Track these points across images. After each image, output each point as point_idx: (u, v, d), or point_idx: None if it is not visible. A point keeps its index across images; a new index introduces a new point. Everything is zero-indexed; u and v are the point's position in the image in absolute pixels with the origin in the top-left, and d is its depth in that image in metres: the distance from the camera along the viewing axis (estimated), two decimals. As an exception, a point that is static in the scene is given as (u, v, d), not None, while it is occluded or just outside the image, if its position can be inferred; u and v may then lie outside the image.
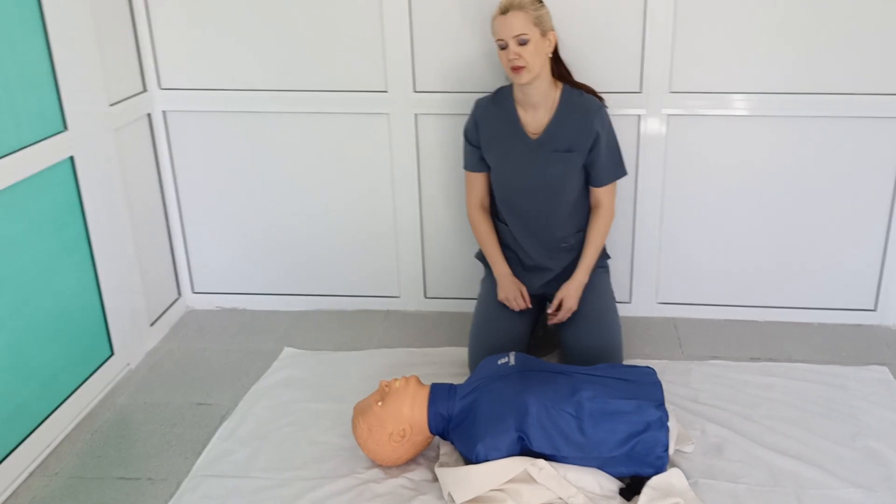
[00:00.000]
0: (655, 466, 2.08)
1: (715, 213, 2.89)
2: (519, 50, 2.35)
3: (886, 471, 2.16)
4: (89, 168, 2.55)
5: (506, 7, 2.37)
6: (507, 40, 2.36)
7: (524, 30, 2.35)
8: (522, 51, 2.35)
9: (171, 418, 2.51)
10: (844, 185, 2.80)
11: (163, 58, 2.89)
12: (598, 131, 2.48)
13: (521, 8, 2.35)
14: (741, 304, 2.98)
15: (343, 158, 2.96)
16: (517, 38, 2.35)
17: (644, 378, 2.21)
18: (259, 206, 3.07)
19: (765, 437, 2.29)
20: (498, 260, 2.65)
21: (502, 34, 2.37)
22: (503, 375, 2.20)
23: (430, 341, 2.91)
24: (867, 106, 2.69)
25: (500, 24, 2.37)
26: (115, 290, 2.70)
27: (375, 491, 2.13)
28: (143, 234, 2.89)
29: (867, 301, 2.93)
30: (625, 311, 2.89)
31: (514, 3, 2.36)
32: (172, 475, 2.25)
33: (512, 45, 2.36)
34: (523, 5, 2.36)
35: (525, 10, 2.36)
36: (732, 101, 2.73)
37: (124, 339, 2.76)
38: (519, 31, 2.34)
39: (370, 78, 2.83)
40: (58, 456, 2.36)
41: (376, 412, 2.16)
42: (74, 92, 2.46)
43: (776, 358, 2.74)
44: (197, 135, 2.99)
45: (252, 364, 2.79)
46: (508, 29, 2.35)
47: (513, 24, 2.35)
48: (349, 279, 3.13)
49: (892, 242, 2.83)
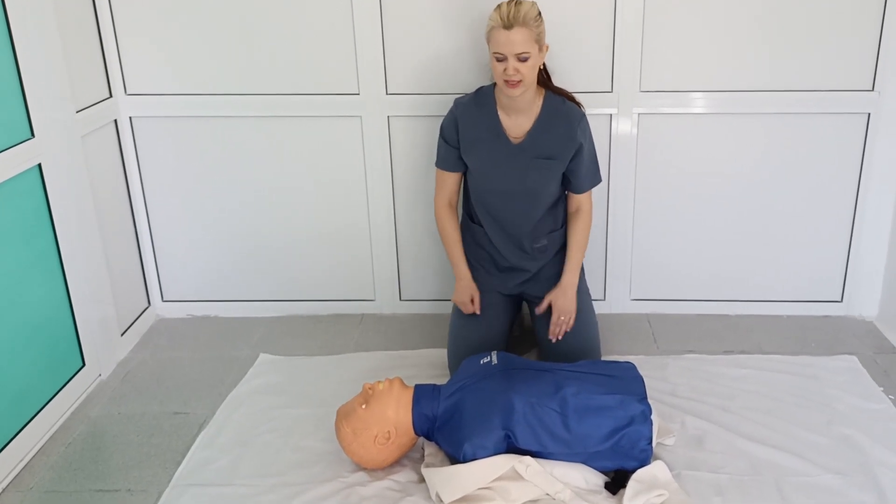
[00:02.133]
0: (640, 460, 2.11)
1: (686, 211, 2.94)
2: (518, 66, 2.30)
3: (861, 456, 2.22)
4: (57, 176, 2.50)
5: (509, 22, 2.26)
6: (508, 56, 2.30)
7: (526, 48, 2.28)
8: (521, 67, 2.30)
9: (148, 428, 2.47)
10: (811, 180, 2.87)
11: (128, 63, 2.85)
12: (581, 142, 2.48)
13: (525, 24, 2.27)
14: (713, 299, 3.03)
15: (315, 162, 2.94)
16: (519, 55, 2.29)
17: (625, 373, 2.23)
18: (229, 212, 3.03)
19: (743, 428, 2.34)
20: (459, 261, 2.64)
21: (503, 49, 2.29)
22: (487, 374, 2.21)
23: (407, 344, 2.90)
24: (831, 102, 2.75)
25: (503, 38, 2.28)
26: (86, 299, 2.65)
27: (362, 494, 2.12)
28: (111, 242, 2.84)
29: (834, 293, 3.00)
30: (599, 308, 2.91)
31: (518, 19, 2.26)
32: (152, 486, 2.21)
33: (511, 62, 2.29)
34: (527, 21, 2.27)
35: (529, 26, 2.28)
36: (700, 99, 2.78)
37: (95, 350, 2.70)
38: (521, 49, 2.28)
39: (342, 80, 2.82)
40: (32, 470, 2.30)
41: (360, 415, 2.15)
42: (41, 99, 2.41)
43: (748, 350, 2.79)
44: (164, 140, 2.95)
45: (228, 372, 2.75)
46: (510, 45, 2.27)
47: (516, 41, 2.27)
48: (323, 284, 3.11)
49: (857, 235, 2.91)
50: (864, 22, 2.67)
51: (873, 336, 2.88)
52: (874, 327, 2.94)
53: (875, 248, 2.91)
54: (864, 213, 2.88)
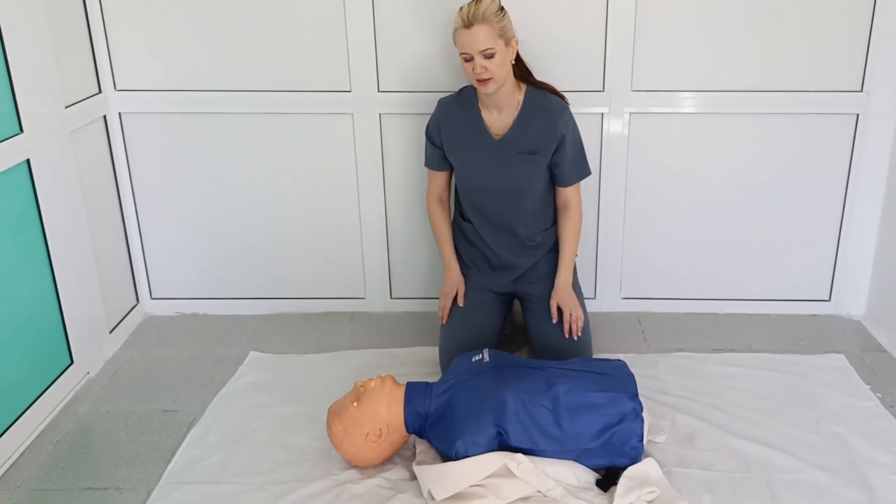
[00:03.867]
0: (631, 457, 2.11)
1: (676, 210, 2.95)
2: (485, 63, 2.31)
3: (849, 453, 2.23)
4: (46, 171, 2.48)
5: (469, 21, 2.28)
6: (473, 54, 2.31)
7: (490, 44, 2.29)
8: (489, 63, 2.31)
9: (137, 426, 2.45)
10: (799, 180, 2.88)
11: (118, 59, 2.83)
12: (564, 133, 2.48)
13: (486, 21, 2.28)
14: (702, 298, 3.04)
15: (306, 159, 2.93)
16: (483, 52, 2.30)
17: (617, 371, 2.24)
18: (219, 209, 3.01)
19: (733, 426, 2.35)
20: (449, 255, 2.67)
21: (467, 48, 2.31)
22: (479, 372, 2.21)
23: (397, 342, 2.89)
24: (821, 103, 2.77)
25: (465, 37, 2.30)
26: (74, 296, 2.63)
27: (353, 492, 2.11)
28: (99, 239, 2.82)
29: (822, 292, 3.02)
30: (590, 306, 2.92)
31: (477, 16, 2.27)
32: (142, 484, 2.20)
33: (478, 59, 2.30)
34: (487, 17, 2.28)
35: (489, 22, 2.29)
36: (691, 99, 2.79)
37: (83, 347, 2.68)
38: (485, 46, 2.29)
39: (334, 77, 2.81)
40: (19, 468, 2.28)
41: (352, 413, 2.14)
42: (30, 93, 2.39)
43: (738, 348, 2.80)
44: (154, 137, 2.93)
45: (217, 370, 2.74)
46: (473, 44, 2.29)
47: (478, 39, 2.28)
48: (313, 281, 3.10)
49: (845, 235, 2.93)
50: (853, 23, 2.69)
51: (861, 335, 2.90)
52: (862, 326, 2.96)
53: (863, 248, 2.93)
54: (853, 212, 2.90)
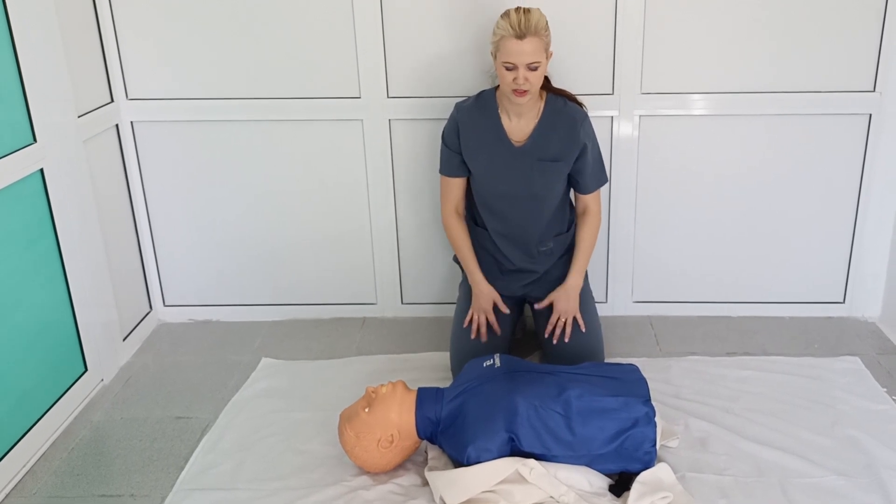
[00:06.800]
0: (644, 462, 2.10)
1: (687, 212, 2.93)
2: (528, 75, 2.30)
3: (866, 458, 2.21)
4: (59, 180, 2.49)
5: (522, 32, 2.26)
6: (519, 65, 2.29)
7: (537, 57, 2.29)
8: (531, 76, 2.30)
9: (151, 433, 2.46)
10: (812, 181, 2.86)
11: (130, 68, 2.85)
12: (585, 142, 2.48)
13: (537, 34, 2.28)
14: (715, 301, 3.03)
15: (317, 166, 2.94)
16: (530, 65, 2.29)
17: (629, 375, 2.23)
18: (231, 216, 3.03)
19: (747, 430, 2.33)
20: (474, 270, 2.61)
21: (515, 59, 2.28)
22: (490, 377, 2.20)
23: (409, 347, 2.90)
24: (833, 103, 2.76)
25: (515, 48, 2.27)
26: (88, 304, 2.64)
27: (365, 497, 2.12)
28: (113, 247, 2.84)
29: (836, 294, 3.00)
30: (602, 310, 2.91)
31: (530, 28, 2.26)
32: (156, 490, 2.21)
33: (522, 71, 2.29)
34: (539, 31, 2.28)
35: (540, 36, 2.29)
36: (701, 101, 2.78)
37: (98, 355, 2.70)
38: (532, 59, 2.28)
39: (343, 84, 2.82)
40: (35, 475, 2.30)
41: (364, 418, 2.14)
42: (43, 103, 2.41)
43: (752, 352, 2.79)
44: (166, 145, 2.95)
45: (230, 376, 2.75)
46: (522, 56, 2.27)
47: (527, 52, 2.27)
48: (324, 287, 3.11)
49: (860, 236, 2.91)
50: (865, 23, 2.67)
51: (876, 337, 2.88)
52: (877, 328, 2.94)
53: (877, 249, 2.91)
54: (866, 213, 2.87)
